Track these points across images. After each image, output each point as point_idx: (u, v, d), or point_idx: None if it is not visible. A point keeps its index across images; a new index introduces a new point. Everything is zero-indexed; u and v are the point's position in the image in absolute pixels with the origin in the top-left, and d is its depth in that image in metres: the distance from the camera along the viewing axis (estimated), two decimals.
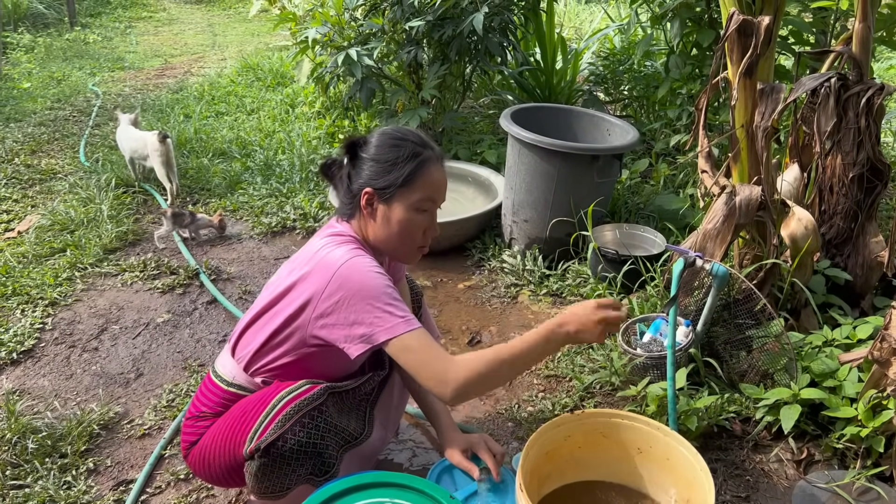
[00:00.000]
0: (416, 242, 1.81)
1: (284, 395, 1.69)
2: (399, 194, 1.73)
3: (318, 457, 1.70)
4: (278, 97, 6.16)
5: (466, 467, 1.96)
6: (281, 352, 1.77)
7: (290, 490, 1.72)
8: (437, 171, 1.77)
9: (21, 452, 2.28)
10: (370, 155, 1.76)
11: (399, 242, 1.79)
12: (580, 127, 3.62)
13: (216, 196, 4.28)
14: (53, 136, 5.39)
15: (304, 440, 1.66)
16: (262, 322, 1.80)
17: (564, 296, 3.19)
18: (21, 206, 4.15)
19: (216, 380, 1.87)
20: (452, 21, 3.98)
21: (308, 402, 1.69)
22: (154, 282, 3.35)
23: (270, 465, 1.66)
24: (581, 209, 3.18)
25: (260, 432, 1.65)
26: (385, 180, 1.73)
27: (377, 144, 1.76)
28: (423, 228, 1.79)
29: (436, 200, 1.79)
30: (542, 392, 2.60)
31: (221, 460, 1.75)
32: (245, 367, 1.83)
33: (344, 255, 1.67)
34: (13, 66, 7.43)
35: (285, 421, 1.65)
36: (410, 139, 1.77)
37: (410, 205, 1.74)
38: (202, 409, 1.86)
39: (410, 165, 1.72)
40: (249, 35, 9.65)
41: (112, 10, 10.63)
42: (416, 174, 1.73)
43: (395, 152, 1.74)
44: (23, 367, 2.77)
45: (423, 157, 1.74)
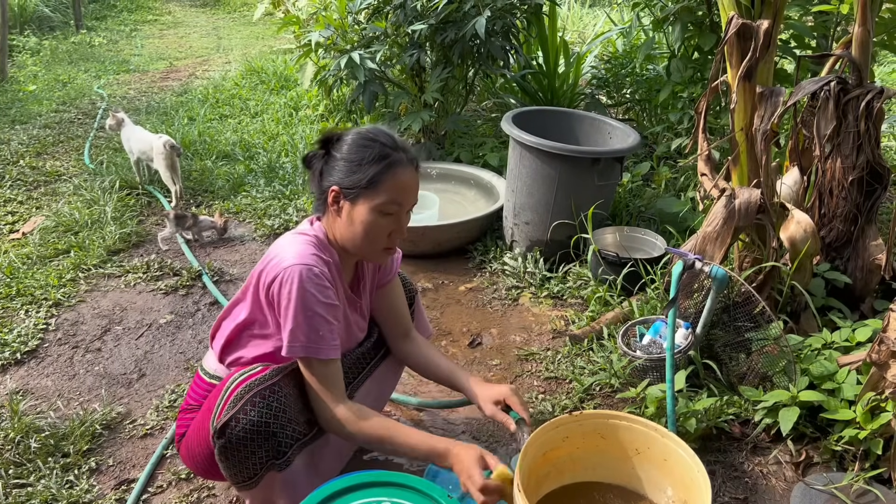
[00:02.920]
0: (381, 244, 1.80)
1: (237, 376, 1.74)
2: (363, 195, 1.72)
3: (273, 437, 1.71)
4: (282, 100, 6.19)
5: (502, 419, 1.91)
6: (247, 341, 1.87)
7: (256, 477, 1.74)
8: (405, 174, 1.75)
9: (24, 452, 2.29)
10: (341, 153, 1.75)
11: (363, 243, 1.78)
12: (582, 130, 3.63)
13: (220, 198, 4.30)
14: (58, 138, 5.43)
15: (255, 419, 1.68)
16: (232, 314, 1.90)
17: (565, 298, 3.20)
18: (26, 207, 4.18)
19: (201, 372, 1.97)
20: (455, 25, 3.99)
21: (259, 381, 1.72)
22: (157, 283, 3.37)
23: (228, 447, 1.68)
24: (582, 212, 3.19)
25: (217, 415, 1.70)
26: (350, 180, 1.73)
27: (348, 143, 1.75)
28: (387, 231, 1.78)
29: (402, 204, 1.77)
30: (541, 394, 2.61)
31: (200, 449, 1.79)
32: (219, 357, 1.92)
33: (293, 259, 1.71)
34: (19, 68, 7.47)
35: (237, 401, 1.68)
36: (381, 140, 1.75)
37: (374, 207, 1.73)
38: (190, 401, 1.94)
39: (376, 167, 1.71)
40: (254, 38, 9.69)
41: (118, 14, 10.68)
42: (382, 177, 1.71)
43: (362, 152, 1.72)
44: (26, 368, 2.79)
45: (390, 159, 1.73)
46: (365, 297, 2.03)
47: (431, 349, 2.17)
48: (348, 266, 1.93)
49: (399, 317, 2.13)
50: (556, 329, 3.00)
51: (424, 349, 2.16)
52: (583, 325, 2.95)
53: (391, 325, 2.13)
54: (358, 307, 2.01)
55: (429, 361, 2.13)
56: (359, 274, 1.99)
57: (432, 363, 2.13)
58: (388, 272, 2.07)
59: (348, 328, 1.98)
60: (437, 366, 2.12)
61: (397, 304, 2.12)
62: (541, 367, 2.76)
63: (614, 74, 4.74)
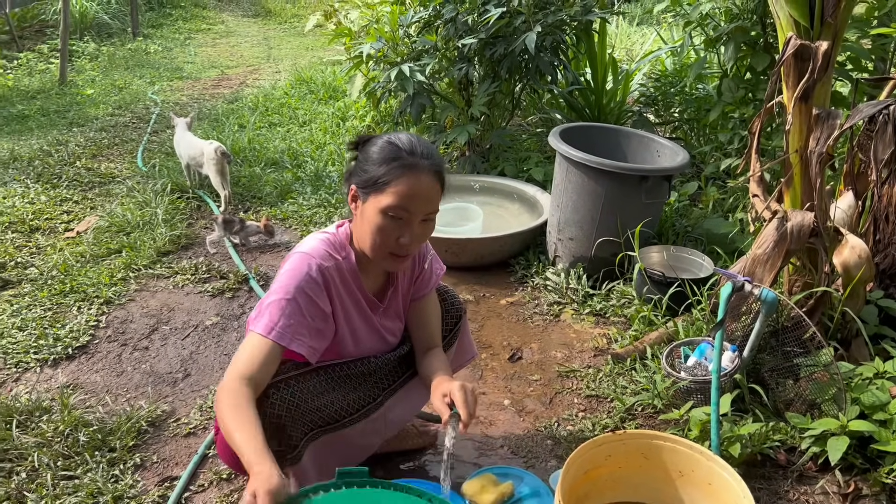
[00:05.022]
0: (387, 248, 1.75)
1: None
2: (372, 195, 1.72)
3: (284, 430, 1.71)
4: (330, 110, 6.28)
5: (438, 408, 1.76)
6: None
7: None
8: (417, 180, 1.70)
9: (72, 445, 2.35)
10: (364, 154, 1.77)
11: (370, 244, 1.76)
12: (629, 147, 3.61)
13: (267, 204, 4.37)
14: (113, 141, 5.59)
15: (267, 411, 1.68)
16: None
17: (608, 316, 3.18)
18: (81, 207, 4.30)
19: None
20: (504, 39, 4.02)
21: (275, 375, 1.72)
22: (204, 285, 3.44)
23: None
24: (628, 229, 3.16)
25: None
26: (363, 179, 1.74)
27: (373, 144, 1.76)
28: (395, 236, 1.73)
29: (409, 210, 1.71)
30: (582, 411, 2.59)
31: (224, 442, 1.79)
32: None
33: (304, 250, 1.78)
34: (78, 72, 7.72)
35: None
36: (399, 144, 1.72)
37: (380, 209, 1.70)
38: None
39: (386, 168, 1.69)
40: (303, 49, 9.85)
41: (173, 22, 10.96)
42: (391, 180, 1.69)
43: (378, 154, 1.72)
44: (77, 363, 2.87)
45: (402, 162, 1.70)
46: (395, 304, 2.02)
47: (431, 357, 2.03)
48: (373, 269, 1.92)
49: (426, 333, 2.07)
50: (598, 347, 2.98)
51: (426, 359, 2.04)
52: (625, 343, 2.92)
53: (416, 339, 2.09)
54: (383, 311, 1.99)
55: (425, 369, 2.01)
56: (391, 279, 1.99)
57: (426, 370, 2.00)
58: (425, 285, 2.05)
59: (372, 330, 1.98)
60: (427, 372, 1.98)
61: (428, 320, 2.07)
62: (582, 384, 2.74)
63: (663, 93, 4.70)
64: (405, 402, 2.14)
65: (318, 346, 1.78)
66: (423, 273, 2.03)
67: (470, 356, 2.34)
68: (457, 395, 1.71)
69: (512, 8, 3.87)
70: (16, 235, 3.88)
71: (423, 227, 1.76)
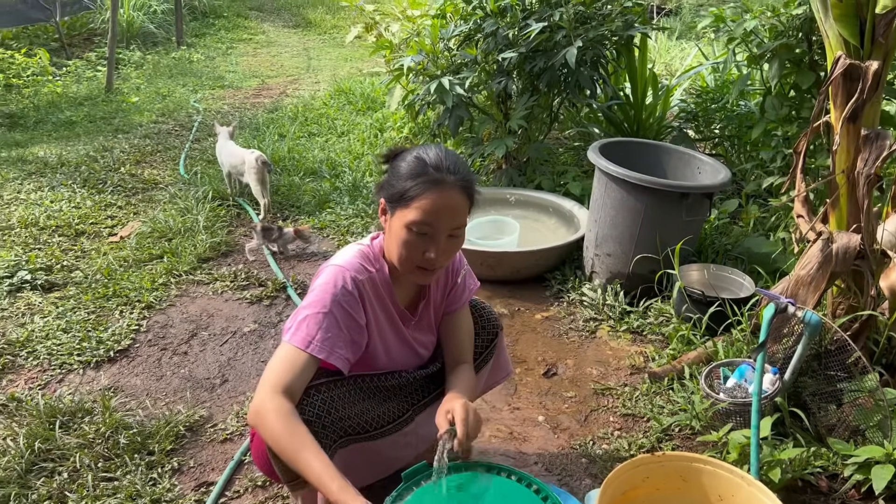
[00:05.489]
0: (414, 261, 1.75)
1: None
2: (398, 209, 1.73)
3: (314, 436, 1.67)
4: (368, 121, 6.33)
5: (438, 423, 1.75)
6: None
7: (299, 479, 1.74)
8: (441, 197, 1.69)
9: (113, 447, 2.39)
10: (393, 168, 1.77)
11: (397, 258, 1.77)
12: (669, 164, 3.58)
13: (305, 213, 4.42)
14: (157, 148, 5.70)
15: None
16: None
17: (645, 333, 3.15)
18: (124, 212, 4.39)
19: None
20: (545, 54, 4.02)
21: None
22: (243, 292, 3.49)
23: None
24: (667, 246, 3.13)
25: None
26: (390, 194, 1.75)
27: (402, 159, 1.76)
28: (421, 250, 1.72)
29: (433, 225, 1.70)
30: (618, 430, 2.56)
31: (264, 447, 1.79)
32: None
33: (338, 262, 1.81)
34: (123, 80, 7.90)
35: None
36: (426, 159, 1.72)
37: (406, 223, 1.71)
38: None
39: (411, 182, 1.69)
40: (342, 60, 9.96)
41: (216, 32, 11.17)
42: (416, 195, 1.68)
43: (405, 168, 1.73)
44: (118, 366, 2.92)
45: (427, 177, 1.69)
46: (427, 317, 2.02)
47: (457, 373, 2.00)
48: (406, 282, 1.92)
49: (456, 348, 2.05)
50: (635, 365, 2.95)
51: (452, 374, 2.01)
52: (663, 362, 2.89)
53: (446, 353, 2.08)
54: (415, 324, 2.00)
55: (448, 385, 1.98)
56: (423, 292, 1.99)
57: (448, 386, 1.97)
58: (457, 300, 2.04)
59: (404, 343, 1.99)
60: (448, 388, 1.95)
61: (459, 335, 2.06)
62: (617, 402, 2.72)
63: (704, 109, 4.66)
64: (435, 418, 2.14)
65: (352, 357, 1.79)
66: (456, 287, 2.03)
67: (505, 373, 2.32)
68: (458, 412, 1.70)
69: (553, 23, 3.87)
70: (62, 239, 3.98)
71: (450, 242, 1.76)
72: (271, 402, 1.60)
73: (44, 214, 4.21)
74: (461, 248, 1.88)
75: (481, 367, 2.17)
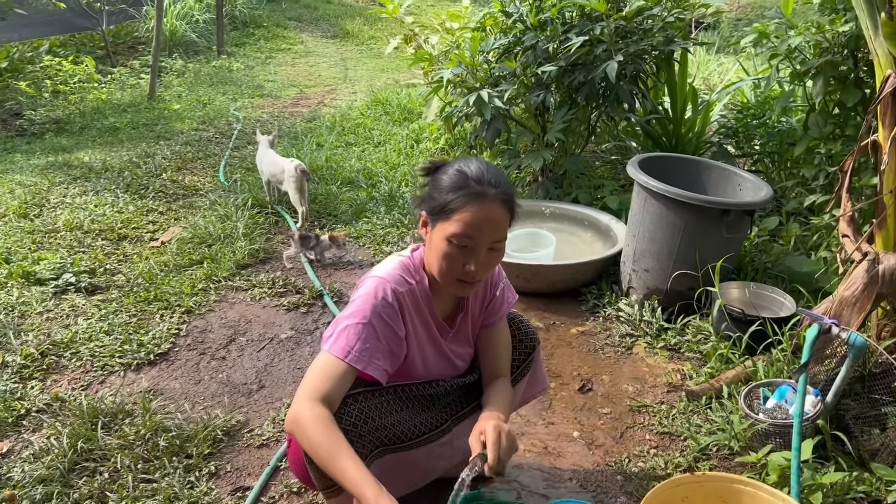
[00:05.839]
0: (454, 274, 1.75)
1: None
2: (439, 221, 1.73)
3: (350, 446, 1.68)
4: (404, 132, 6.37)
5: (471, 444, 1.74)
6: None
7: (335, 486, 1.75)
8: (482, 210, 1.69)
9: (152, 449, 2.43)
10: (434, 181, 1.78)
11: (437, 270, 1.78)
12: (710, 180, 3.54)
13: (342, 222, 4.46)
14: (197, 155, 5.80)
15: None
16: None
17: (682, 351, 3.11)
18: (165, 217, 4.48)
19: None
20: (584, 67, 4.01)
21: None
22: (280, 299, 3.53)
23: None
24: (706, 263, 3.10)
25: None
26: (431, 206, 1.76)
27: (443, 172, 1.78)
28: (461, 263, 1.73)
29: (474, 238, 1.70)
30: (654, 448, 2.54)
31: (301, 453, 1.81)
32: None
33: (379, 273, 1.82)
34: (165, 88, 8.06)
35: None
36: (467, 172, 1.73)
37: (446, 236, 1.71)
38: None
39: (452, 195, 1.70)
40: (379, 71, 10.04)
41: (255, 41, 11.33)
42: (457, 207, 1.69)
43: (446, 181, 1.74)
44: (158, 369, 2.97)
45: (468, 190, 1.70)
46: (465, 329, 2.03)
47: (493, 387, 2.01)
48: (445, 294, 1.93)
49: (493, 361, 2.05)
50: (672, 383, 2.91)
51: (488, 388, 2.02)
52: (701, 381, 2.86)
53: (483, 367, 2.08)
54: (453, 336, 2.00)
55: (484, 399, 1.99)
56: (461, 304, 2.00)
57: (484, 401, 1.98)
58: (495, 313, 2.04)
59: (442, 355, 1.99)
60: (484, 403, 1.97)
61: (496, 348, 2.06)
62: (654, 420, 2.69)
63: (744, 125, 4.60)
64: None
65: (390, 368, 1.80)
66: (495, 300, 2.04)
67: (542, 387, 2.31)
68: (489, 435, 1.69)
69: (593, 37, 3.87)
70: (105, 243, 4.06)
71: (491, 256, 1.76)
72: (309, 410, 1.62)
73: (88, 218, 4.30)
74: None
75: (518, 380, 2.17)
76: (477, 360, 2.11)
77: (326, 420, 1.61)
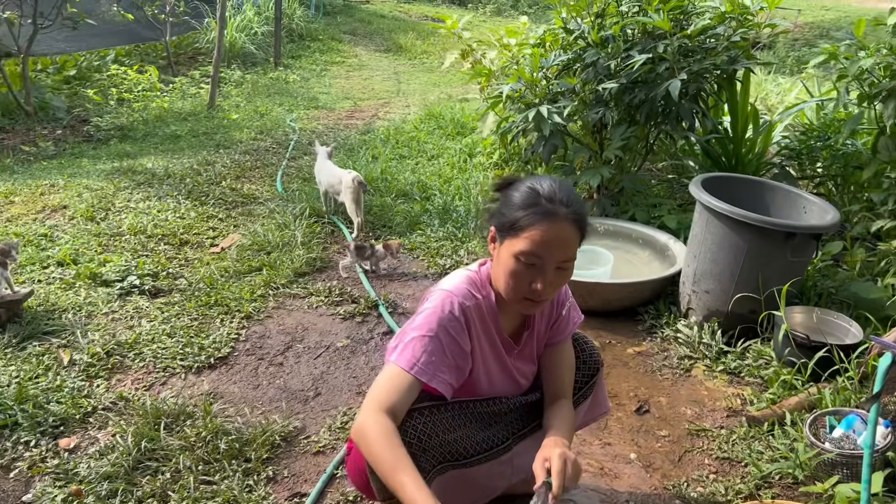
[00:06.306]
0: (521, 292, 1.75)
1: None
2: (508, 238, 1.73)
3: (413, 459, 1.67)
4: (458, 146, 6.40)
5: (536, 471, 1.72)
6: None
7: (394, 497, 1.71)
8: (552, 228, 1.69)
9: (212, 451, 2.48)
10: (505, 197, 1.78)
11: (503, 286, 1.77)
12: (773, 202, 3.47)
13: (396, 234, 4.49)
14: (255, 164, 5.91)
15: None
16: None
17: (742, 375, 3.05)
18: (225, 224, 4.57)
19: None
20: (646, 85, 3.99)
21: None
22: (336, 308, 3.56)
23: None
24: (769, 286, 3.03)
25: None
26: (501, 223, 1.75)
27: (515, 189, 1.77)
28: (527, 281, 1.72)
29: (542, 257, 1.69)
30: (713, 473, 2.48)
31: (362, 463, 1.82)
32: None
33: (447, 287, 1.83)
34: (224, 98, 8.25)
35: None
36: (539, 190, 1.72)
37: (514, 253, 1.71)
38: None
39: (522, 213, 1.70)
40: (431, 85, 10.13)
41: (311, 54, 11.55)
42: (527, 225, 1.69)
43: (517, 198, 1.73)
44: (218, 372, 3.03)
45: (539, 208, 1.69)
46: (530, 347, 2.02)
47: (555, 408, 1.98)
48: (511, 310, 1.92)
49: (556, 381, 2.03)
50: (731, 407, 2.85)
51: (550, 409, 2.00)
52: (762, 406, 2.79)
53: (546, 386, 2.06)
54: (517, 354, 1.99)
55: (546, 420, 1.97)
56: (527, 321, 1.99)
57: (546, 422, 1.97)
58: (561, 332, 2.03)
59: (506, 372, 1.98)
60: (546, 424, 1.95)
61: (560, 368, 2.04)
62: (713, 445, 2.63)
63: (808, 147, 4.51)
64: (533, 449, 2.11)
65: (455, 383, 1.80)
66: (561, 319, 2.02)
67: (603, 410, 2.28)
68: (555, 463, 1.67)
69: (656, 54, 3.85)
70: (167, 247, 4.17)
71: (559, 275, 1.74)
72: (374, 421, 1.64)
73: (151, 223, 4.42)
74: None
75: (580, 402, 2.15)
76: (539, 379, 2.10)
77: (390, 433, 1.62)
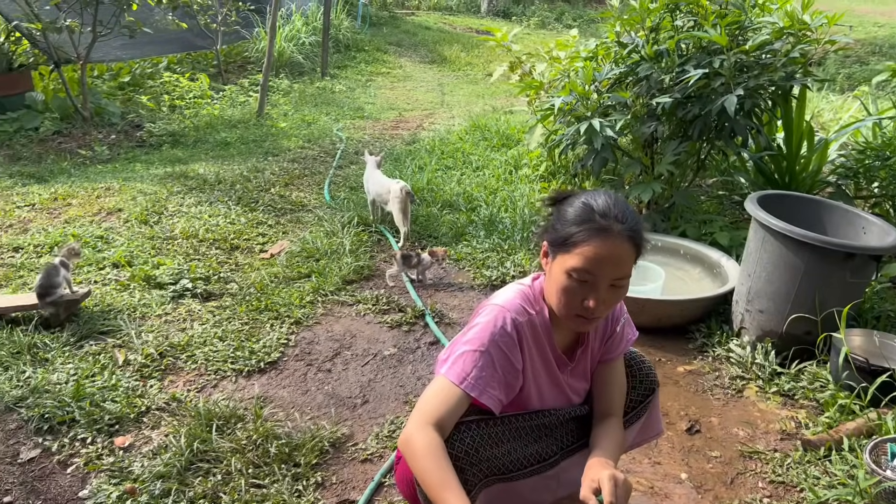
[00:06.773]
0: (573, 309, 1.72)
1: None
2: (560, 255, 1.70)
3: (460, 473, 1.67)
4: (503, 157, 6.40)
5: (584, 494, 1.67)
6: None
7: None
8: (605, 245, 1.65)
9: (262, 455, 2.50)
10: (559, 212, 1.76)
11: (555, 302, 1.75)
12: (830, 221, 3.40)
13: (442, 244, 4.50)
14: (303, 172, 5.99)
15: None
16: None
17: (797, 398, 2.97)
18: (274, 231, 4.63)
19: None
20: (700, 100, 3.94)
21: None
22: (384, 316, 3.58)
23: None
24: (825, 307, 2.96)
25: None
26: (554, 238, 1.73)
27: (569, 204, 1.75)
28: (580, 298, 1.69)
29: (595, 274, 1.65)
30: (767, 497, 2.43)
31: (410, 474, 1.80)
32: None
33: (500, 302, 1.81)
34: (273, 106, 8.39)
35: None
36: (593, 205, 1.69)
37: (566, 269, 1.68)
38: None
39: (576, 228, 1.67)
40: (475, 97, 10.16)
41: (357, 65, 11.69)
42: (580, 241, 1.66)
43: (571, 213, 1.70)
44: (267, 377, 3.06)
45: (592, 224, 1.66)
46: (583, 364, 1.99)
47: (604, 427, 1.96)
48: (565, 326, 1.88)
49: (606, 399, 2.01)
50: (785, 430, 2.79)
51: (598, 427, 1.97)
52: (818, 430, 2.72)
53: (596, 403, 2.03)
54: (571, 370, 1.96)
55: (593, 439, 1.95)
56: (581, 338, 1.96)
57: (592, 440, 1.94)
58: (614, 349, 1.99)
59: (558, 389, 1.96)
60: (593, 442, 1.93)
61: (611, 386, 2.01)
62: (766, 468, 2.57)
63: (865, 166, 4.40)
64: (581, 465, 2.08)
65: (505, 398, 1.79)
66: (615, 336, 1.99)
67: (656, 432, 2.23)
68: (605, 485, 1.62)
69: (712, 70, 3.80)
70: (219, 252, 4.23)
71: (612, 293, 1.71)
72: (422, 434, 1.63)
73: (203, 227, 4.50)
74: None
75: (632, 422, 2.10)
76: (589, 394, 2.08)
77: (437, 447, 1.62)
